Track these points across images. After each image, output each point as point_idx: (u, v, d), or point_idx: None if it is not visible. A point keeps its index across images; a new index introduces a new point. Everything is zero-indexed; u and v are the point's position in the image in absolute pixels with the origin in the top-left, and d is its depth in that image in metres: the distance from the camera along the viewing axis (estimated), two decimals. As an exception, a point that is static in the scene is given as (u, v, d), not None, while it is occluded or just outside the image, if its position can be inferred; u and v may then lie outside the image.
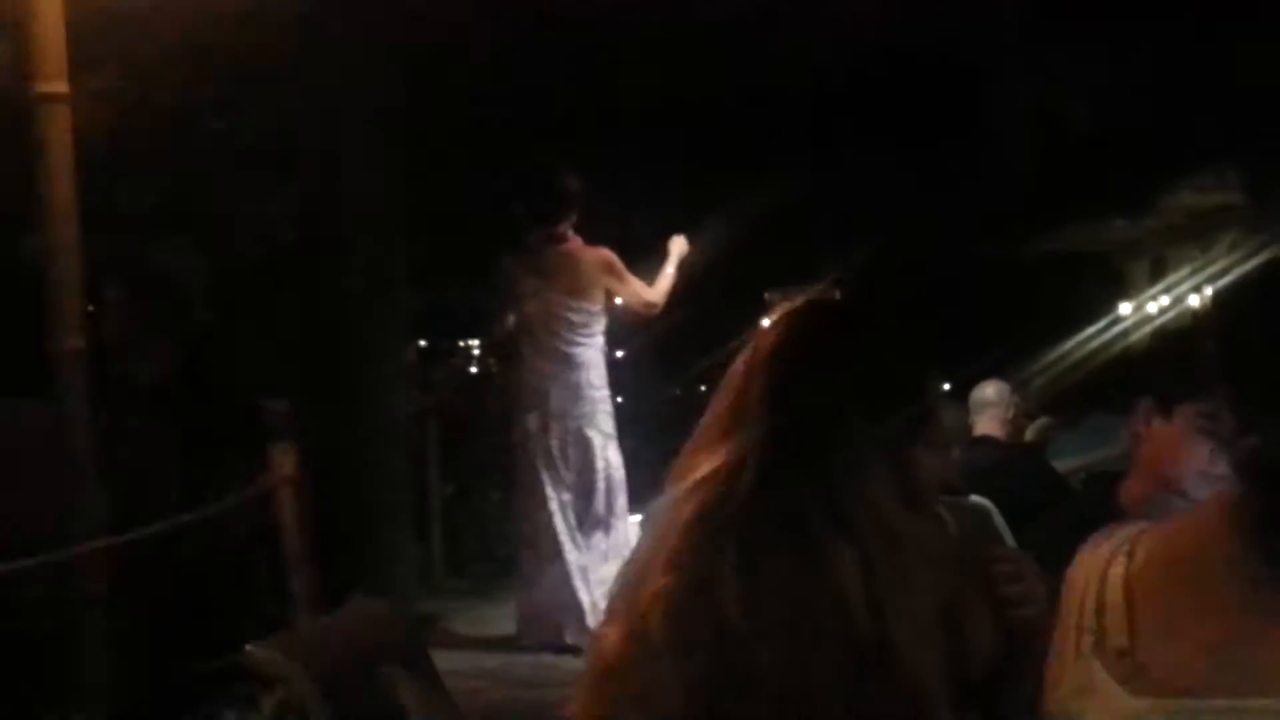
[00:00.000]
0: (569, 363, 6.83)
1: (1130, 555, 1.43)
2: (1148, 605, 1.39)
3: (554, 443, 6.79)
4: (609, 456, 6.86)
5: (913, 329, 1.99)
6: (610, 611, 1.97)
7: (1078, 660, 1.41)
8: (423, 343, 13.22)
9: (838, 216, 13.74)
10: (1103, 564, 1.44)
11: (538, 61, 8.61)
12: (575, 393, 6.81)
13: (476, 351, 13.52)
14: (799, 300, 2.05)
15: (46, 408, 4.18)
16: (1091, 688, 1.38)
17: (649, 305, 7.01)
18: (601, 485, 6.82)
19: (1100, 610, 1.41)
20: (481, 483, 10.30)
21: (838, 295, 12.19)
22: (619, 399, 6.96)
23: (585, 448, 6.81)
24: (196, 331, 5.04)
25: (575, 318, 6.84)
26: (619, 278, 6.91)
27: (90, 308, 4.49)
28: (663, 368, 12.81)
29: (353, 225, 5.83)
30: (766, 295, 13.60)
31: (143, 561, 4.35)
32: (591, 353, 6.89)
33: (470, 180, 8.70)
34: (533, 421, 6.83)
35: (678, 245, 7.17)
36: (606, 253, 6.90)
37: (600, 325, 6.92)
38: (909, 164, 11.45)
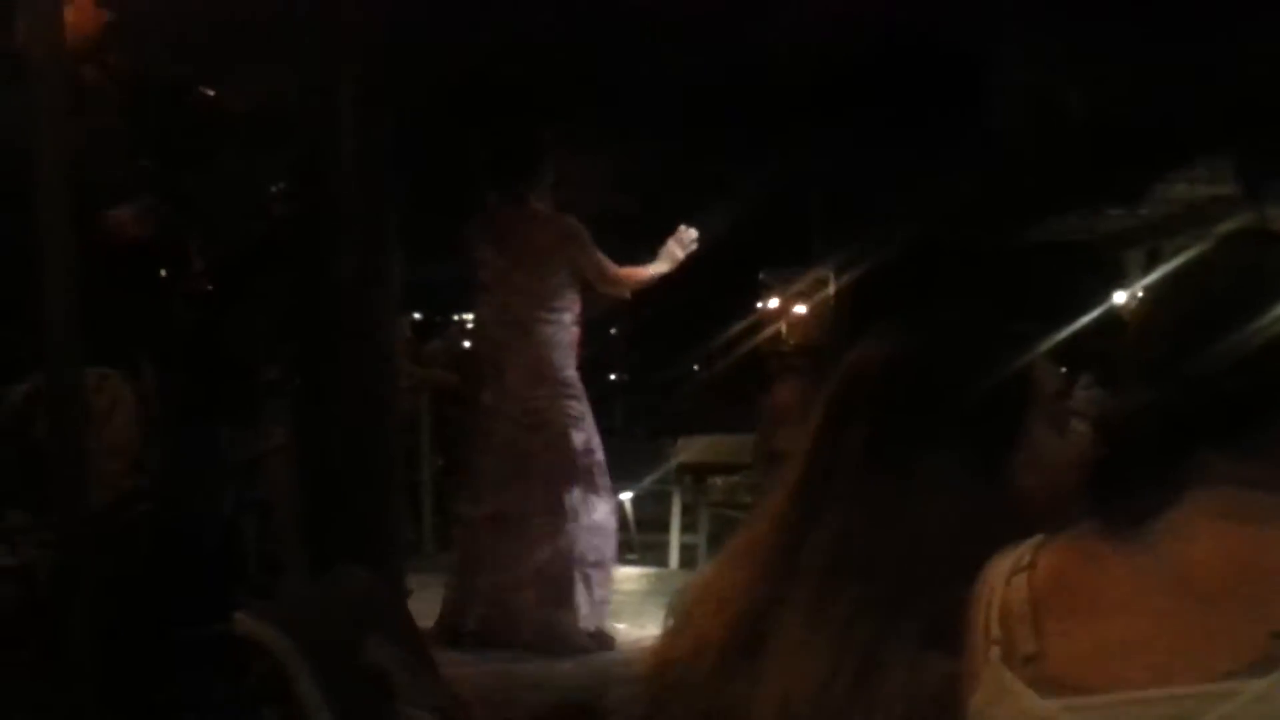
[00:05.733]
0: (528, 338, 6.35)
1: (1032, 565, 1.49)
2: (1051, 609, 1.46)
3: (507, 425, 6.36)
4: (572, 444, 6.36)
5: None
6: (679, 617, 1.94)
7: (988, 669, 1.45)
8: (417, 316, 13.23)
9: (832, 199, 13.75)
10: (1005, 576, 1.51)
11: (535, 30, 8.59)
12: (535, 372, 6.34)
13: (470, 325, 13.53)
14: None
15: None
16: (1003, 695, 1.43)
17: (614, 283, 6.48)
18: (559, 474, 6.32)
19: (1005, 620, 1.48)
20: (472, 456, 10.31)
21: (832, 289, 12.22)
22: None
23: (543, 432, 6.34)
24: (191, 300, 5.03)
25: (536, 288, 6.37)
26: (582, 250, 6.39)
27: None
28: (658, 347, 12.80)
29: (345, 198, 5.81)
30: (761, 276, 13.64)
31: (131, 528, 4.36)
32: (555, 330, 6.39)
33: (463, 152, 8.68)
34: (487, 397, 6.43)
35: (687, 238, 6.58)
36: (571, 222, 6.42)
37: (567, 301, 6.41)
38: (903, 149, 11.44)
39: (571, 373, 6.46)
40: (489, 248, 6.48)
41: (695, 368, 12.68)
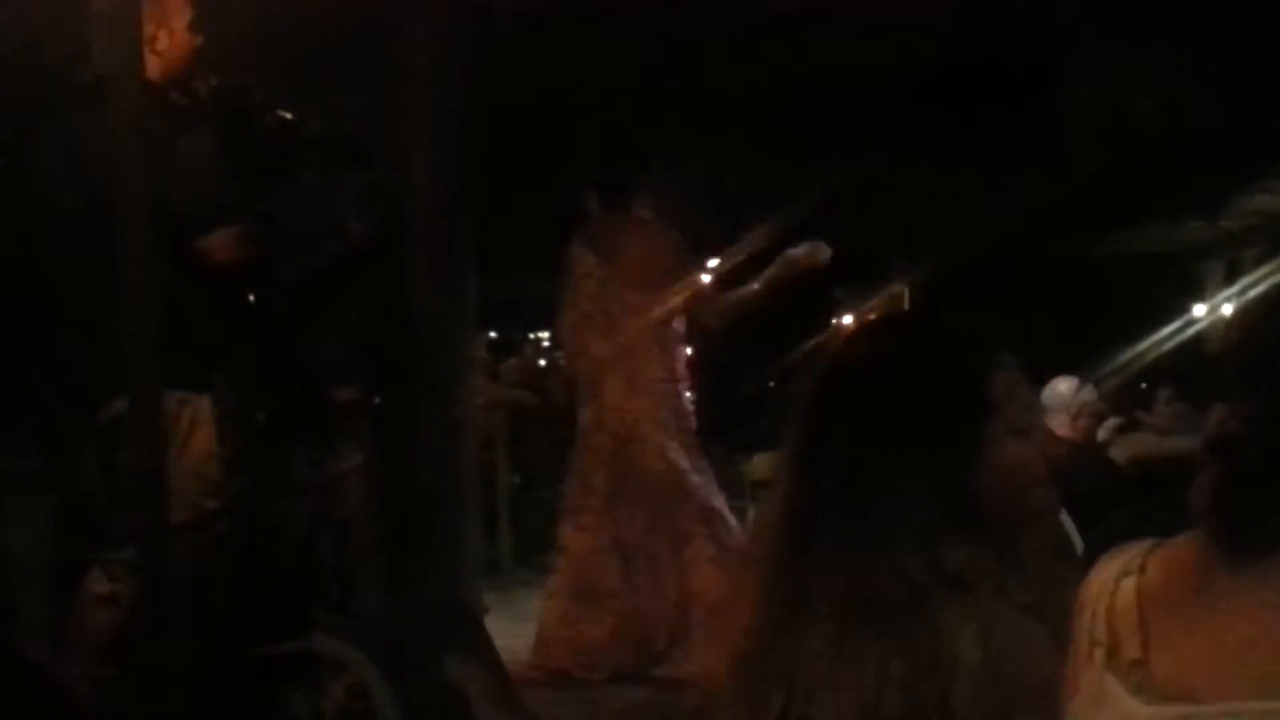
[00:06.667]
0: (630, 350, 6.08)
1: (1142, 569, 1.47)
2: (1159, 616, 1.43)
3: (606, 440, 6.09)
4: (671, 458, 6.04)
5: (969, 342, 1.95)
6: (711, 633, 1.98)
7: (1091, 673, 1.44)
8: (493, 334, 13.29)
9: (907, 213, 13.71)
10: (1113, 579, 1.49)
11: (612, 44, 8.59)
12: (633, 384, 6.08)
13: (546, 343, 13.59)
14: (861, 323, 1.99)
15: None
16: (1104, 699, 1.41)
17: (711, 313, 6.22)
18: (661, 491, 6.01)
19: (1111, 623, 1.46)
20: (548, 474, 10.36)
21: (901, 308, 12.18)
22: (687, 393, 6.44)
23: (642, 447, 6.05)
24: (271, 321, 5.07)
25: (640, 300, 6.10)
26: (684, 268, 6.14)
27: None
28: (732, 363, 12.78)
29: (421, 216, 5.85)
30: (835, 291, 13.61)
31: (209, 548, 4.40)
32: (658, 343, 6.11)
33: (542, 168, 8.70)
34: (587, 415, 6.18)
35: (812, 256, 6.18)
36: (678, 237, 6.17)
37: (670, 312, 6.11)
38: (979, 161, 11.39)
39: (673, 384, 6.18)
40: (592, 257, 6.21)
41: (770, 384, 12.66)
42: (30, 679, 3.52)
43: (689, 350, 6.39)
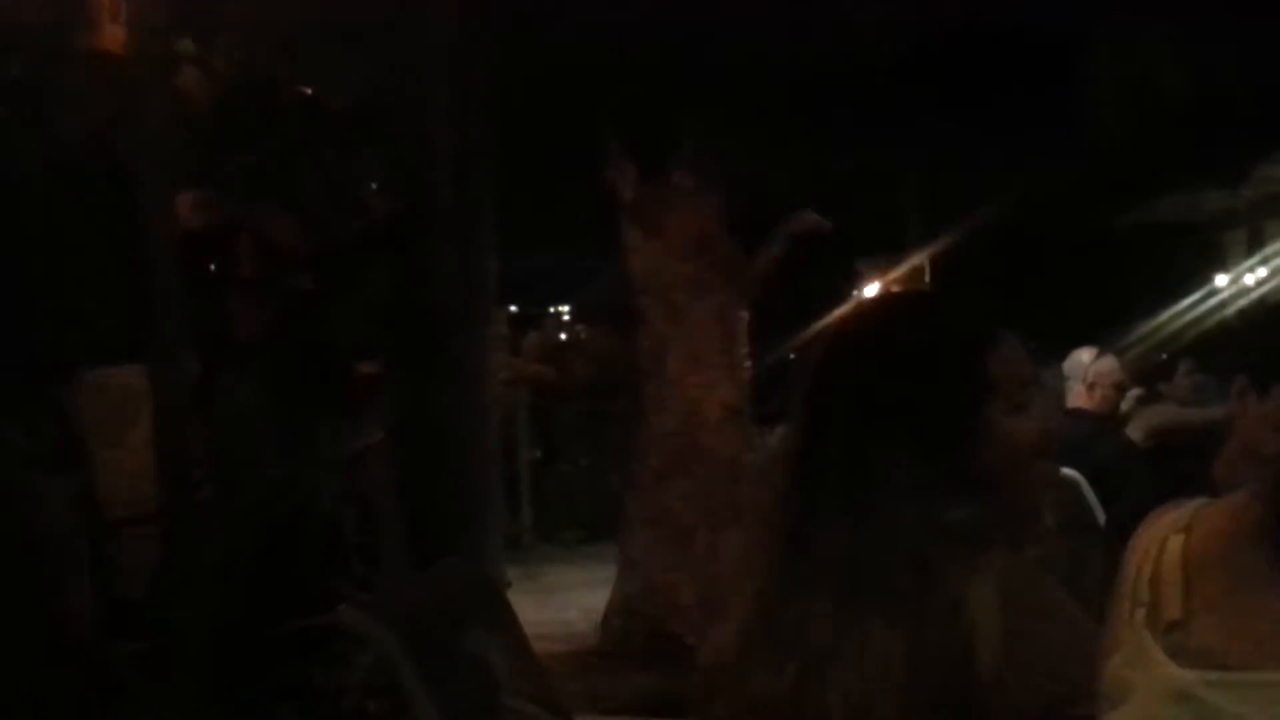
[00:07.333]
0: (686, 323, 6.06)
1: (1189, 529, 1.45)
2: (1203, 579, 1.41)
3: (668, 419, 6.08)
4: (728, 437, 6.03)
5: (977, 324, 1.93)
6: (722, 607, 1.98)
7: (1130, 632, 1.42)
8: (513, 308, 13.29)
9: (930, 185, 13.67)
10: (1161, 537, 1.46)
11: (628, 17, 8.56)
12: (695, 359, 6.05)
13: (566, 317, 13.58)
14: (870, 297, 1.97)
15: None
16: (1142, 660, 1.40)
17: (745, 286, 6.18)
18: (714, 470, 5.98)
19: (1155, 583, 1.43)
20: (569, 449, 10.37)
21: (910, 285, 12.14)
22: (747, 364, 6.35)
23: (703, 426, 6.01)
24: (291, 294, 5.07)
25: (691, 271, 6.05)
26: (730, 236, 6.11)
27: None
28: (756, 334, 12.77)
29: (442, 193, 5.85)
30: (858, 265, 13.58)
31: (235, 521, 4.41)
32: (715, 312, 6.10)
33: (562, 142, 8.68)
34: (649, 391, 6.14)
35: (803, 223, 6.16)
36: (722, 204, 6.15)
37: (721, 281, 6.08)
38: (1001, 133, 11.35)
39: (733, 355, 6.15)
40: (637, 232, 6.17)
41: (792, 356, 12.64)
42: (71, 652, 3.56)
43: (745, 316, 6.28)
